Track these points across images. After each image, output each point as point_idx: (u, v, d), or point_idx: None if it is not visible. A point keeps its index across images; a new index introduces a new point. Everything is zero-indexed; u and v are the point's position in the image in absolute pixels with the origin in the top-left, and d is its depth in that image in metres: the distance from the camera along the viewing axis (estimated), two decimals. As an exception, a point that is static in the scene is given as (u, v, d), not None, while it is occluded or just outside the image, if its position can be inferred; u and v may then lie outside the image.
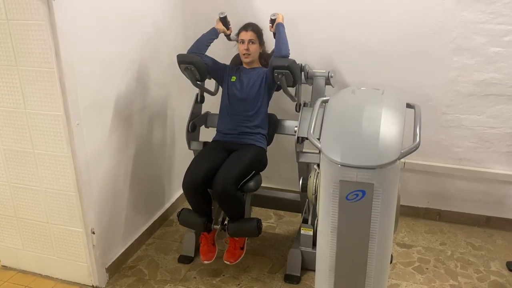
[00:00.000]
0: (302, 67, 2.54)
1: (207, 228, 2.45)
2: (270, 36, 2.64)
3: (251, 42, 2.53)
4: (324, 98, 2.03)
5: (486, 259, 2.72)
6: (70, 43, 2.05)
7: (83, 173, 2.25)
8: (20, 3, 1.97)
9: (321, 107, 1.98)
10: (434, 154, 2.98)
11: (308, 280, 2.51)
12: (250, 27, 2.55)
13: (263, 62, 2.66)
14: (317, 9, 2.84)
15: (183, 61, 2.45)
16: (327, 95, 2.31)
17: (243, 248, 2.53)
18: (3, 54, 2.10)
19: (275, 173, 3.27)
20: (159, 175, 3.06)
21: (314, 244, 2.31)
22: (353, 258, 1.79)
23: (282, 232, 3.02)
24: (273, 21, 2.58)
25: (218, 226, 2.48)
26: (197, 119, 2.70)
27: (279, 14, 2.57)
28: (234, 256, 2.48)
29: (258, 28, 2.58)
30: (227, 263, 2.47)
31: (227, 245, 2.54)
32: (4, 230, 2.55)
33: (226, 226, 2.42)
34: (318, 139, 1.80)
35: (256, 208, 3.14)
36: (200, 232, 2.52)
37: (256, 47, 2.56)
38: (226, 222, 2.43)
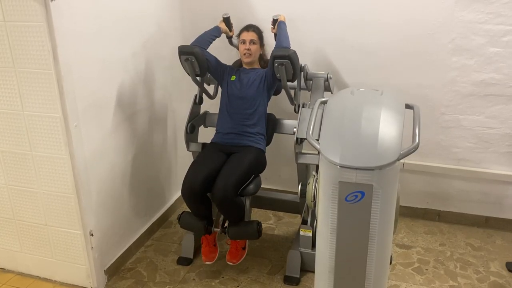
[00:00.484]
0: (302, 67, 2.54)
1: (207, 231, 2.46)
2: (271, 40, 2.65)
3: (252, 42, 2.54)
4: (323, 99, 2.03)
5: (486, 260, 2.71)
6: (68, 44, 2.04)
7: (81, 174, 2.24)
8: (17, 4, 1.96)
9: (320, 108, 1.97)
10: (433, 154, 2.97)
11: (308, 282, 2.51)
12: (251, 28, 2.57)
13: (262, 64, 2.67)
14: (316, 10, 2.84)
15: (184, 51, 2.42)
16: (326, 96, 2.30)
17: (244, 248, 2.57)
18: (0, 56, 2.09)
19: (274, 174, 3.27)
20: (158, 177, 3.05)
21: (314, 245, 2.30)
22: (352, 259, 1.79)
23: (281, 233, 3.01)
24: (275, 21, 2.59)
25: (218, 229, 2.49)
26: (195, 119, 2.70)
27: (281, 15, 2.60)
28: (236, 256, 2.50)
29: (259, 30, 2.60)
30: (230, 263, 2.49)
31: (228, 246, 2.55)
32: (2, 232, 2.54)
33: (226, 229, 2.42)
34: (317, 140, 1.80)
35: (255, 209, 3.14)
36: (201, 235, 2.52)
37: (257, 48, 2.58)
38: (227, 225, 2.44)
